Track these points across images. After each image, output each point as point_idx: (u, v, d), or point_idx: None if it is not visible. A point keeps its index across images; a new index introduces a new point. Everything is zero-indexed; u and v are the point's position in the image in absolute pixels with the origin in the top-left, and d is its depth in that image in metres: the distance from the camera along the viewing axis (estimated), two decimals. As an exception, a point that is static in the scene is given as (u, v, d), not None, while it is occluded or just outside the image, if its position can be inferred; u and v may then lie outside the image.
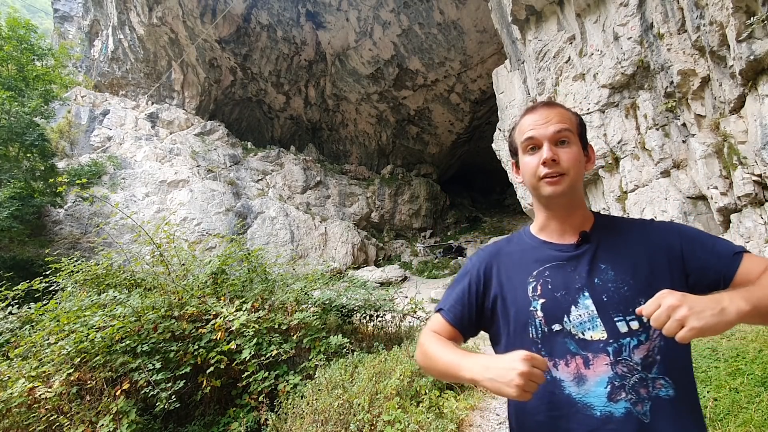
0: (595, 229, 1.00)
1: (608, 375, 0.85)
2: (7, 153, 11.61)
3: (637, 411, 0.83)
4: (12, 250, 11.23)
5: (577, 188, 0.97)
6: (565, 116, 0.99)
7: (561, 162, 0.94)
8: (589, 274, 0.93)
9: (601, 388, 0.85)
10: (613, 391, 0.84)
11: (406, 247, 20.52)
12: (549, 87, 8.01)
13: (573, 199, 0.98)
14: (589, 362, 0.87)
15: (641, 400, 0.84)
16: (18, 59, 12.56)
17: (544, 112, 0.98)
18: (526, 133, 0.98)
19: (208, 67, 18.84)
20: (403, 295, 6.52)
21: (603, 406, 0.84)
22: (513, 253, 1.05)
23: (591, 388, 0.86)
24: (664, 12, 5.68)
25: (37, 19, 26.26)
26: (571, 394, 0.87)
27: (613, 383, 0.85)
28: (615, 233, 0.99)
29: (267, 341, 3.72)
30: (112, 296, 3.92)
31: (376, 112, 21.84)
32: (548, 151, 0.93)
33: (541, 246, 1.02)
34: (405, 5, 16.33)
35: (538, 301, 0.94)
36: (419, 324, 5.92)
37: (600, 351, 0.87)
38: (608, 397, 0.84)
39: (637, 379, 0.85)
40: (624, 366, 0.85)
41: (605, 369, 0.86)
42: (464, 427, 3.37)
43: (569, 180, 0.94)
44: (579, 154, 0.97)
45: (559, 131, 0.95)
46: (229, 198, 16.42)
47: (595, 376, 0.86)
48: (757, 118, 4.55)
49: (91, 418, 2.92)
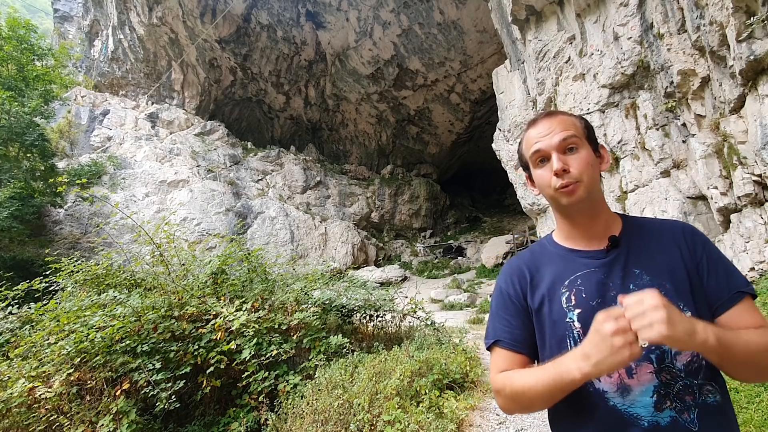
0: (624, 233, 0.97)
1: (653, 383, 0.83)
2: (7, 153, 11.62)
3: (683, 419, 0.81)
4: (12, 250, 11.23)
5: (594, 192, 0.94)
6: (569, 122, 0.97)
7: (572, 170, 0.92)
8: (624, 280, 0.90)
9: (647, 397, 0.83)
10: (660, 400, 0.82)
11: (406, 247, 20.53)
12: (549, 87, 8.01)
13: (593, 204, 0.95)
14: (632, 372, 0.84)
15: (687, 408, 0.82)
16: (18, 59, 12.56)
17: (547, 123, 0.96)
18: (533, 147, 0.97)
19: (208, 67, 18.84)
20: (403, 295, 6.52)
21: (650, 417, 0.82)
22: (541, 263, 1.01)
23: (636, 398, 0.83)
24: (664, 12, 5.68)
25: (37, 19, 26.27)
26: (616, 405, 0.84)
27: (659, 392, 0.82)
28: (646, 236, 0.96)
29: (267, 341, 3.72)
30: (112, 296, 3.92)
31: (376, 112, 21.85)
32: (557, 162, 0.92)
33: (568, 254, 0.99)
34: (405, 5, 16.34)
35: (574, 311, 0.91)
36: (419, 324, 5.92)
37: (643, 359, 0.84)
38: (655, 406, 0.82)
39: (681, 386, 0.83)
40: (668, 373, 0.83)
41: (650, 377, 0.83)
42: (464, 427, 3.37)
43: (584, 186, 0.92)
44: (590, 158, 0.95)
45: (564, 139, 0.93)
46: (229, 198, 16.42)
47: (639, 386, 0.84)
48: (757, 118, 4.55)
49: (91, 418, 2.92)
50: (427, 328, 5.69)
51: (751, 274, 4.81)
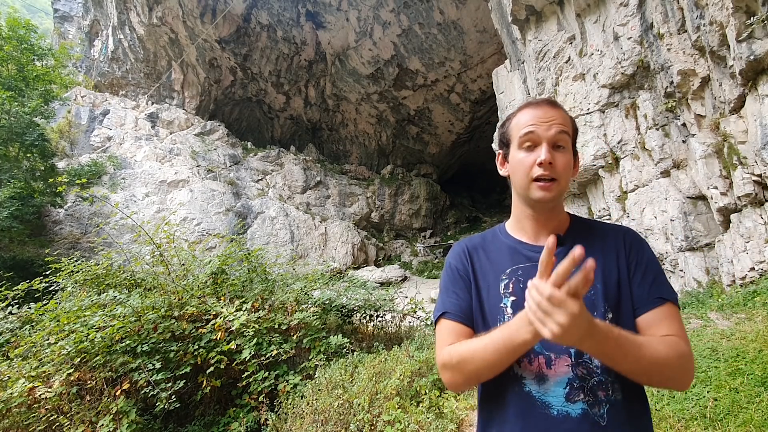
0: (570, 233, 1.00)
1: (568, 376, 0.87)
2: (7, 153, 11.62)
3: (593, 413, 0.84)
4: (12, 250, 11.23)
5: (563, 194, 0.97)
6: (567, 120, 0.97)
7: (556, 167, 0.92)
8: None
9: (560, 388, 0.87)
10: (572, 392, 0.86)
11: (406, 247, 20.52)
12: (549, 87, 8.01)
13: (556, 205, 0.98)
14: (551, 362, 0.88)
15: (599, 402, 0.85)
16: (18, 59, 12.55)
17: (549, 111, 0.95)
18: (525, 127, 0.94)
19: (208, 67, 18.84)
20: (403, 295, 6.52)
21: (560, 406, 0.86)
22: (489, 250, 1.04)
23: (550, 388, 0.87)
24: (664, 12, 5.68)
25: (37, 19, 26.27)
26: (531, 391, 0.89)
27: (572, 384, 0.86)
28: (589, 238, 0.98)
29: (267, 341, 3.72)
30: (112, 296, 3.92)
31: (376, 112, 21.84)
32: (547, 153, 0.91)
33: (516, 245, 1.01)
34: (405, 5, 16.33)
35: (509, 298, 0.95)
36: (419, 324, 5.92)
37: (562, 352, 0.88)
38: (566, 397, 0.86)
39: (596, 382, 0.86)
40: (584, 368, 0.87)
41: (566, 370, 0.87)
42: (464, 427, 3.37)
43: (558, 187, 0.93)
44: (570, 161, 0.96)
45: (560, 133, 0.93)
46: (229, 198, 16.42)
47: (555, 376, 0.88)
48: (757, 118, 4.55)
49: (91, 418, 2.92)
50: (427, 328, 5.69)
51: (751, 274, 4.81)
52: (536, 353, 0.90)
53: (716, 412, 2.76)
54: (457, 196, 25.83)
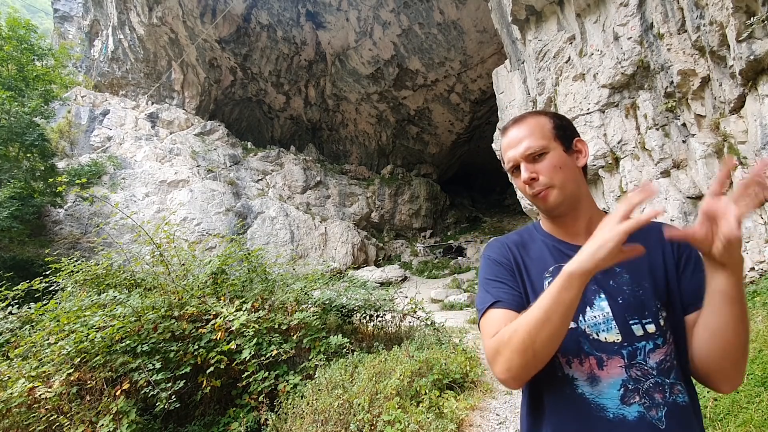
0: None
1: (622, 377, 0.85)
2: (7, 153, 11.61)
3: (651, 416, 0.82)
4: (12, 250, 11.23)
5: (572, 193, 0.95)
6: (535, 127, 0.96)
7: (541, 177, 0.93)
8: (604, 276, 0.91)
9: (614, 390, 0.84)
10: (627, 394, 0.84)
11: (406, 247, 20.52)
12: (549, 87, 8.01)
13: (574, 203, 0.96)
14: (602, 363, 0.86)
15: (656, 405, 0.83)
16: (18, 59, 12.55)
17: (514, 131, 0.98)
18: (505, 156, 1.00)
19: (208, 67, 18.84)
20: (403, 295, 6.52)
21: (616, 409, 0.83)
22: (529, 248, 1.02)
23: (604, 390, 0.85)
24: (664, 12, 5.68)
25: (37, 19, 26.26)
26: (584, 393, 0.86)
27: (627, 386, 0.84)
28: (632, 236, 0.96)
29: (267, 341, 3.72)
30: (112, 296, 3.92)
31: (376, 112, 21.84)
32: (525, 171, 0.94)
33: (556, 243, 1.00)
34: (405, 5, 16.33)
35: None
36: (419, 324, 5.92)
37: (614, 353, 0.86)
38: (621, 399, 0.84)
39: (652, 384, 0.84)
40: (638, 369, 0.85)
41: (619, 371, 0.85)
42: (464, 427, 3.37)
43: (557, 190, 0.93)
44: (560, 160, 0.94)
45: (530, 146, 0.94)
46: (229, 198, 16.42)
47: (608, 378, 0.85)
48: (757, 118, 4.55)
49: (91, 418, 2.92)
50: (427, 328, 5.69)
51: (751, 274, 4.81)
52: (587, 354, 0.87)
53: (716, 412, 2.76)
54: (457, 196, 25.83)
